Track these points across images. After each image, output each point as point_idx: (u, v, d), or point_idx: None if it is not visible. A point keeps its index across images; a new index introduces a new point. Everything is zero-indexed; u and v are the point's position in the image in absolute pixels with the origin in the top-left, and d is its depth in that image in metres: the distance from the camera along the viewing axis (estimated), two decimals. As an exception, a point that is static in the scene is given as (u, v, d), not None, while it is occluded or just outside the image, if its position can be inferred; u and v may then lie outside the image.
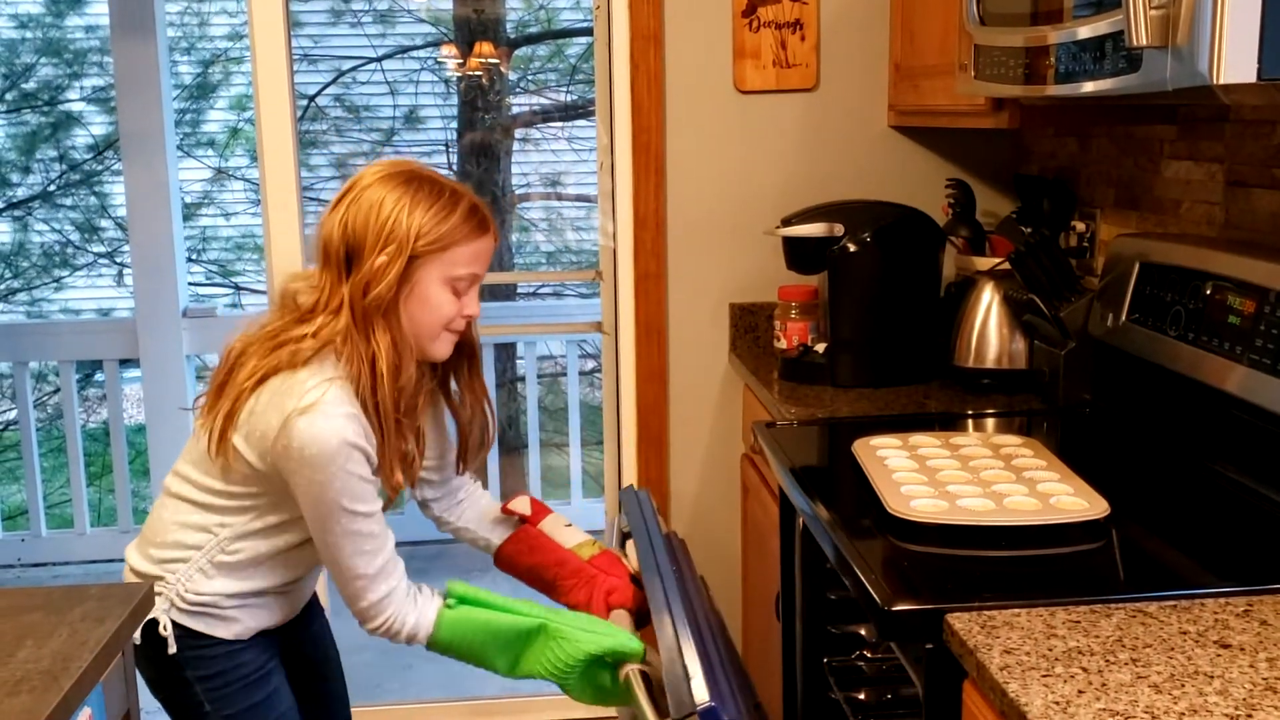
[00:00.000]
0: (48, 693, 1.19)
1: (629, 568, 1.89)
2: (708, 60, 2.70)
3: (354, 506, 1.62)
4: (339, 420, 1.59)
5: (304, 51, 6.63)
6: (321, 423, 1.58)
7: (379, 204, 1.63)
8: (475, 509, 2.01)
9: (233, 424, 1.63)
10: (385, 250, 1.61)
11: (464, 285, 1.69)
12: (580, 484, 4.86)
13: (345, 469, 1.59)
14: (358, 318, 1.62)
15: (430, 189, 1.66)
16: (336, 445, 1.58)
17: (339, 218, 1.64)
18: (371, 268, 1.61)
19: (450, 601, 1.75)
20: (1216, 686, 1.10)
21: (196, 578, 1.70)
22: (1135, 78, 1.43)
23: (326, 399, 1.59)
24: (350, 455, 1.59)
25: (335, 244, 1.64)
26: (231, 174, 7.17)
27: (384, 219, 1.62)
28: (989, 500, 1.56)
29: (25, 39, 6.85)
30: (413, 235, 1.62)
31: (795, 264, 2.48)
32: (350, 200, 1.65)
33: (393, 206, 1.62)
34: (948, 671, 1.27)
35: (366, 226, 1.62)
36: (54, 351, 4.88)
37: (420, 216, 1.63)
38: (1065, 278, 2.21)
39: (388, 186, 1.64)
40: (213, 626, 1.72)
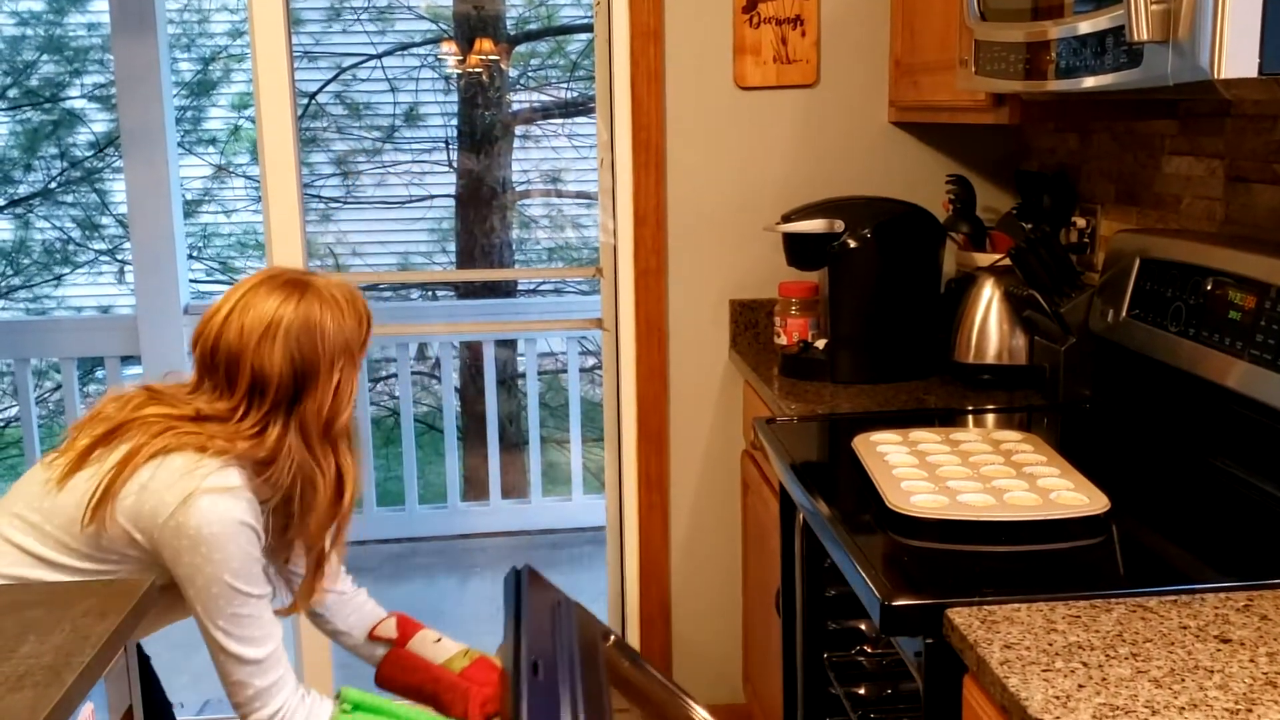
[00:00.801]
0: (50, 688, 1.19)
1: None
2: (708, 56, 2.70)
3: (248, 589, 1.63)
4: (244, 502, 1.61)
5: (304, 49, 6.63)
6: (227, 502, 1.59)
7: (320, 325, 1.64)
8: (361, 621, 2.02)
9: (112, 495, 1.60)
10: (337, 368, 1.64)
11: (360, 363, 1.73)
12: (581, 481, 4.86)
13: (245, 549, 1.60)
14: (314, 440, 1.65)
15: (340, 292, 1.68)
16: (238, 526, 1.59)
17: (279, 348, 1.63)
18: (327, 392, 1.64)
19: (345, 706, 1.75)
20: (1217, 681, 1.10)
21: None
22: (1136, 72, 1.43)
23: (233, 482, 1.60)
24: (251, 537, 1.61)
25: (281, 376, 1.63)
26: (232, 171, 7.17)
27: (332, 341, 1.64)
28: (989, 496, 1.56)
29: (26, 36, 6.85)
30: (354, 347, 1.66)
31: (796, 260, 2.48)
32: (284, 330, 1.64)
33: (335, 328, 1.64)
34: (948, 666, 1.27)
35: (317, 351, 1.64)
36: (55, 348, 4.89)
37: (351, 325, 1.66)
38: (1065, 273, 2.21)
39: (312, 303, 1.65)
40: None
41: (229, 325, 1.65)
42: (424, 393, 6.81)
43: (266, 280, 1.69)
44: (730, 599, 2.91)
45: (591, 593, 4.21)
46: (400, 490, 4.87)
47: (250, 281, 1.70)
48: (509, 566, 1.99)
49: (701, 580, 2.91)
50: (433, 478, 5.83)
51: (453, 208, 6.88)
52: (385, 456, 6.12)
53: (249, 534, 1.61)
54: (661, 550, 2.88)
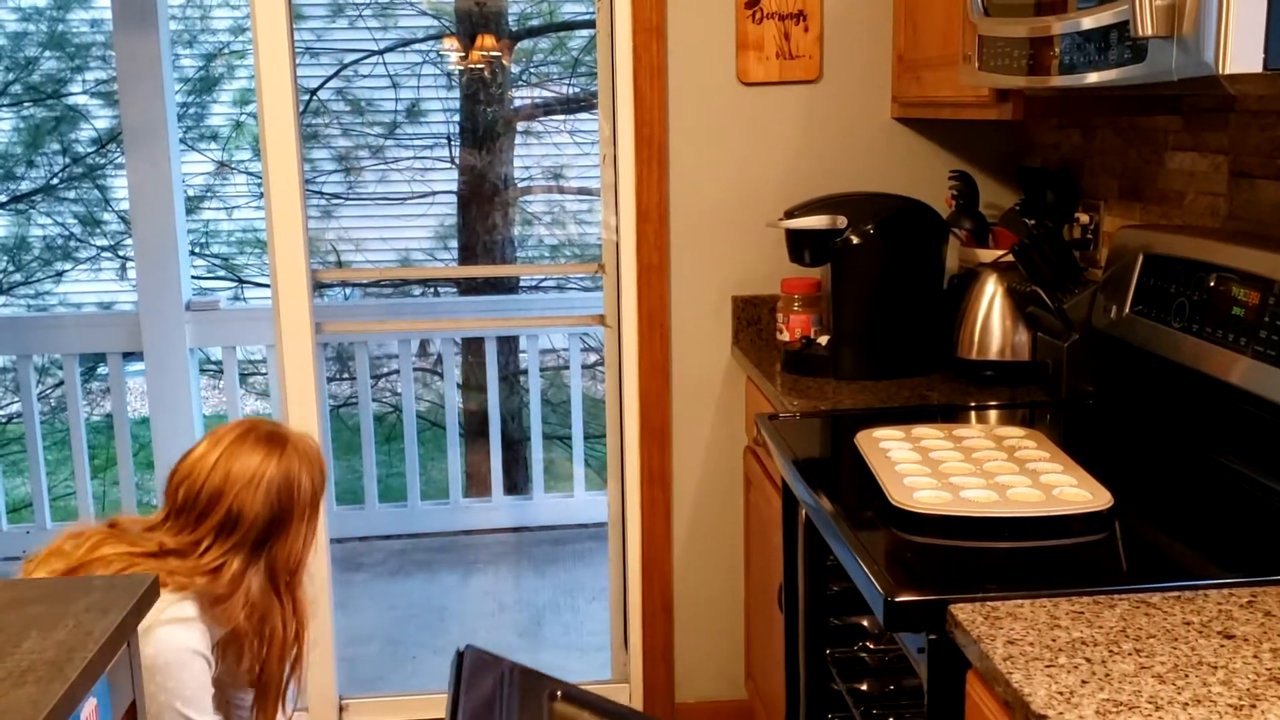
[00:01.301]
0: (53, 683, 1.19)
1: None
2: (710, 52, 2.70)
3: (198, 716, 1.70)
4: (197, 633, 1.69)
5: (306, 45, 6.62)
6: (182, 633, 1.67)
7: (298, 480, 1.74)
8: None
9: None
10: (306, 519, 1.74)
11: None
12: (583, 477, 4.86)
13: (197, 678, 1.68)
14: (280, 583, 1.74)
15: (302, 447, 1.77)
16: (191, 655, 1.67)
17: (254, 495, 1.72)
18: (298, 539, 1.73)
19: None
20: (1220, 677, 1.10)
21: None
22: (1140, 68, 1.42)
23: (188, 613, 1.69)
24: (203, 666, 1.69)
25: (256, 520, 1.72)
26: (234, 167, 7.17)
27: (304, 492, 1.74)
28: (992, 492, 1.56)
29: (28, 32, 6.85)
30: (319, 496, 1.76)
31: (798, 256, 2.48)
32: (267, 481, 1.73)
33: (306, 477, 1.75)
34: (951, 662, 1.27)
35: (292, 503, 1.74)
36: (57, 345, 4.89)
37: (315, 476, 1.76)
38: (1068, 269, 2.21)
39: (290, 459, 1.75)
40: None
41: (215, 470, 1.75)
42: (426, 389, 6.80)
43: (248, 432, 1.80)
44: (732, 595, 2.91)
45: (593, 589, 4.23)
46: (402, 486, 4.87)
47: (232, 433, 1.80)
48: (510, 562, 1.98)
49: (704, 576, 2.91)
50: (435, 474, 5.84)
51: (455, 204, 6.87)
52: (387, 453, 6.12)
53: (201, 663, 1.69)
54: (664, 546, 2.88)
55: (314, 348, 2.84)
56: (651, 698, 2.95)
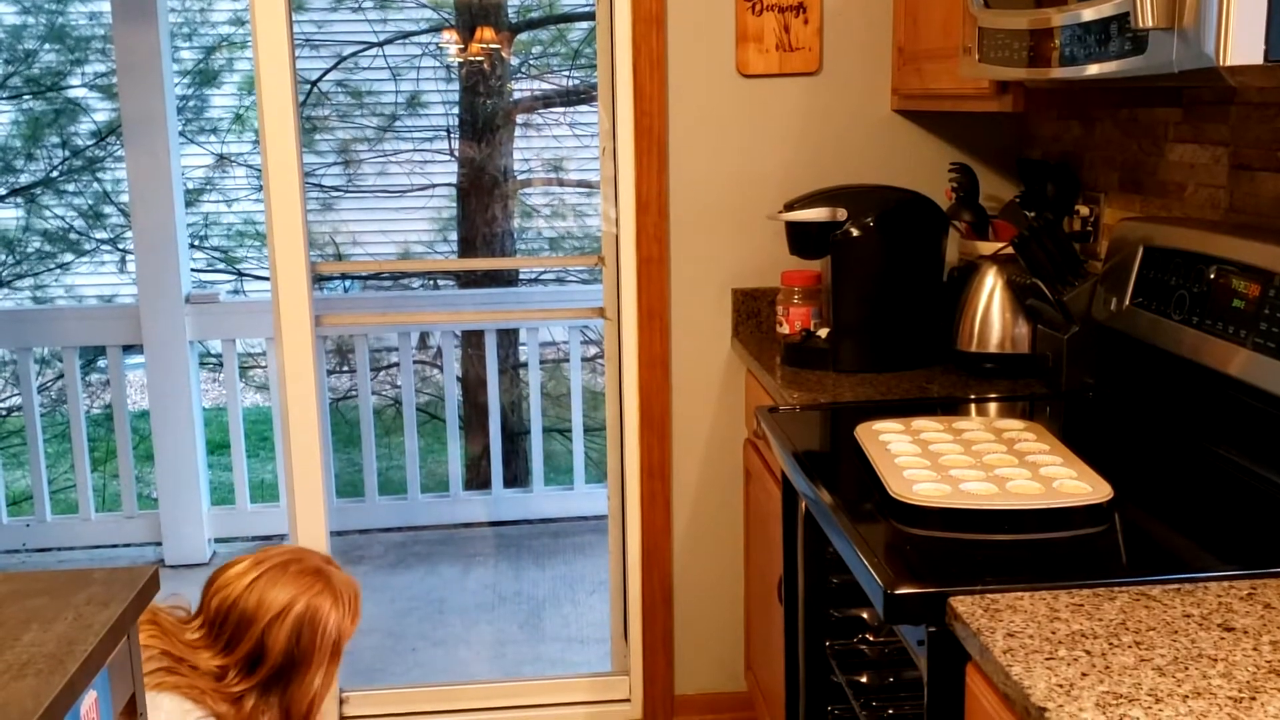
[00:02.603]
0: (53, 676, 1.19)
1: None
2: (710, 44, 2.70)
3: None
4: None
5: (306, 37, 6.61)
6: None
7: (325, 620, 1.71)
8: None
9: None
10: (325, 663, 1.71)
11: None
12: (583, 470, 4.87)
13: None
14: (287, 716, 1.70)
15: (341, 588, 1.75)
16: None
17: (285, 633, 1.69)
18: (314, 678, 1.70)
19: None
20: (1220, 669, 1.10)
21: None
22: (1141, 60, 1.42)
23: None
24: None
25: (276, 656, 1.69)
26: (234, 160, 7.16)
27: (329, 634, 1.71)
28: (992, 484, 1.56)
29: (28, 25, 6.83)
30: (344, 641, 1.73)
31: (798, 249, 2.47)
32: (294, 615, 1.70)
33: (334, 619, 1.72)
34: (951, 654, 1.27)
35: (314, 644, 1.70)
36: (57, 337, 4.88)
37: (348, 622, 1.74)
38: (1069, 262, 2.20)
39: (325, 597, 1.72)
40: None
41: (251, 591, 1.72)
42: (425, 382, 6.80)
43: (291, 562, 1.77)
44: (732, 587, 2.91)
45: (593, 581, 4.24)
46: (402, 479, 4.87)
47: (277, 558, 1.77)
48: (510, 555, 1.98)
49: (703, 569, 2.91)
50: (434, 467, 5.84)
51: (454, 196, 6.87)
52: (387, 446, 6.12)
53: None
54: (663, 539, 2.88)
55: (313, 340, 2.84)
56: (651, 689, 2.95)
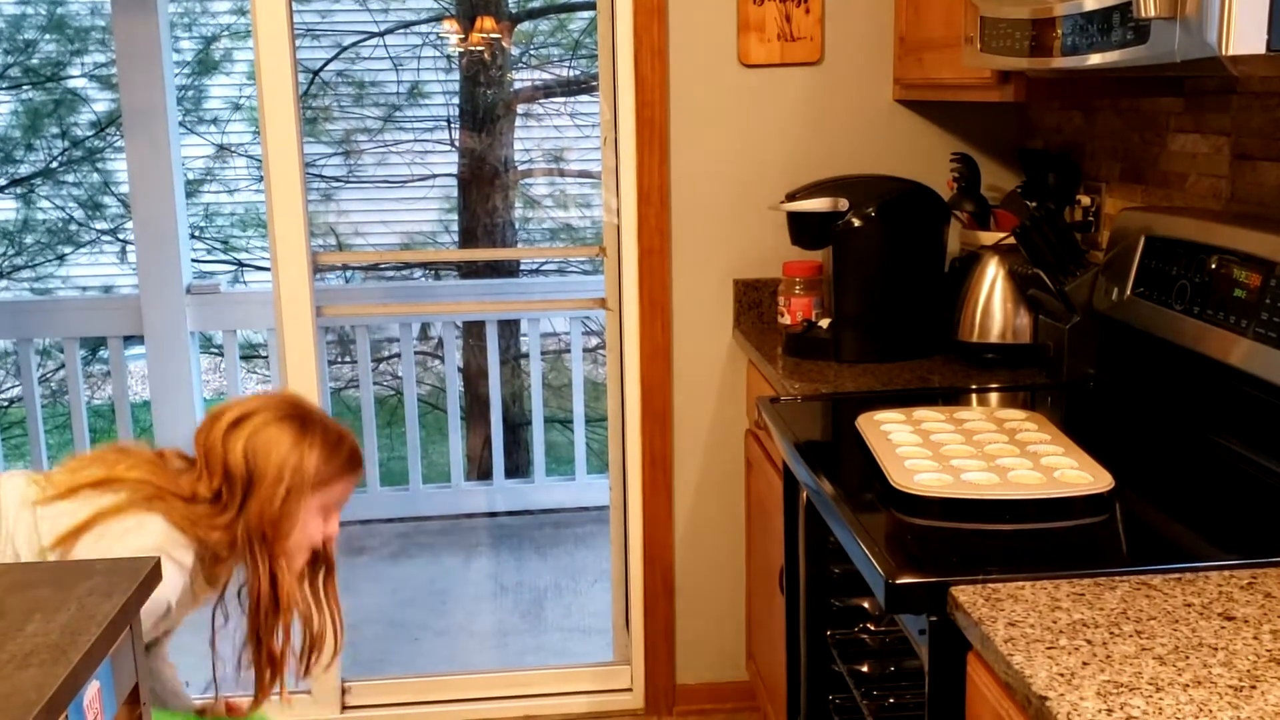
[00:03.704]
0: (56, 666, 1.19)
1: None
2: (712, 33, 2.69)
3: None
4: (180, 587, 1.72)
5: (307, 26, 6.60)
6: (173, 578, 1.68)
7: (282, 443, 1.78)
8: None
9: (86, 528, 1.69)
10: (283, 485, 1.76)
11: (333, 510, 1.86)
12: (584, 461, 4.87)
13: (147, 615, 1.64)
14: (244, 539, 1.76)
15: (322, 431, 1.82)
16: (161, 603, 1.67)
17: (241, 444, 1.77)
18: (269, 498, 1.76)
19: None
20: (1220, 658, 1.10)
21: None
22: (1143, 49, 1.42)
23: (187, 563, 1.72)
24: (162, 615, 1.71)
25: (238, 466, 1.77)
26: (234, 150, 7.16)
27: (284, 457, 1.77)
28: (993, 474, 1.56)
29: (27, 15, 6.82)
30: (307, 475, 1.78)
31: (799, 239, 2.47)
32: (252, 430, 1.78)
33: (291, 447, 1.78)
34: (952, 644, 1.28)
35: (269, 460, 1.77)
36: (58, 328, 4.89)
37: (314, 458, 1.79)
38: (1070, 252, 2.20)
39: (289, 427, 1.79)
40: None
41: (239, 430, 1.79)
42: (427, 372, 6.80)
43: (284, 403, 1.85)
44: (733, 577, 2.91)
45: (595, 572, 4.24)
46: (404, 469, 4.88)
47: (270, 400, 1.85)
48: (512, 545, 2.00)
49: (705, 559, 2.92)
50: (436, 457, 5.84)
51: (455, 187, 6.86)
52: (388, 436, 6.13)
53: (164, 613, 1.71)
54: (665, 529, 2.89)
55: (315, 331, 2.84)
56: (653, 679, 2.96)
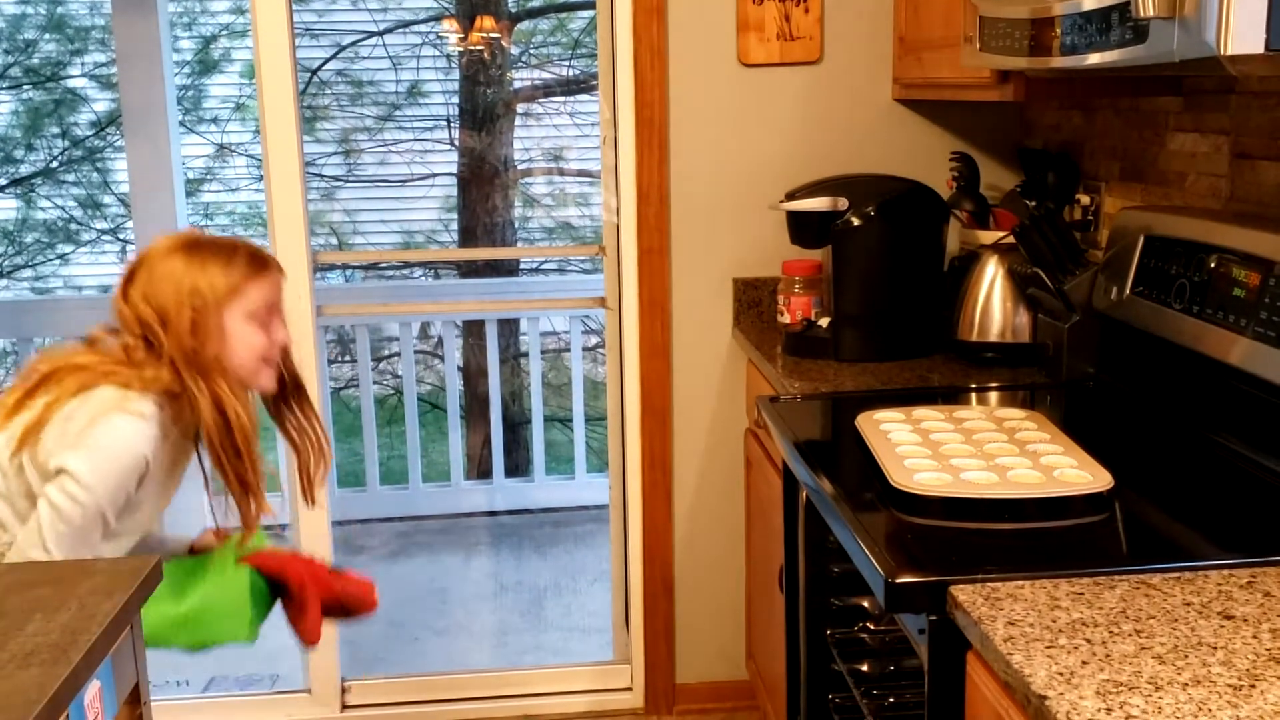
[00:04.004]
0: (57, 665, 1.19)
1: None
2: (711, 33, 2.69)
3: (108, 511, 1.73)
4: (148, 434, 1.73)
5: (306, 26, 6.60)
6: (135, 425, 1.72)
7: (173, 273, 1.81)
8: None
9: (43, 423, 1.73)
10: (187, 309, 1.79)
11: (265, 317, 1.86)
12: (584, 460, 4.87)
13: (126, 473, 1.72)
14: (185, 371, 1.78)
15: (211, 248, 1.85)
16: (132, 453, 1.72)
17: (140, 292, 1.82)
18: (181, 327, 1.78)
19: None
20: (1220, 657, 1.10)
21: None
22: (1141, 49, 1.42)
23: (147, 411, 1.74)
24: (136, 465, 1.73)
25: (146, 313, 1.80)
26: (234, 150, 7.16)
27: (180, 284, 1.80)
28: (992, 473, 1.56)
29: (27, 15, 6.82)
30: (208, 292, 1.80)
31: (799, 238, 2.48)
32: (146, 275, 1.82)
33: (184, 272, 1.81)
34: (951, 643, 1.28)
35: (167, 294, 1.80)
36: (58, 327, 4.88)
37: (210, 274, 1.81)
38: (1069, 251, 2.20)
39: (176, 257, 1.82)
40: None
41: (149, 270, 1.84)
42: (427, 371, 6.81)
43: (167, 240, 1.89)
44: (733, 577, 2.91)
45: (594, 571, 4.24)
46: (404, 469, 4.88)
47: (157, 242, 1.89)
48: (512, 544, 2.00)
49: (704, 558, 2.92)
50: (436, 456, 5.84)
51: (454, 186, 6.86)
52: (388, 435, 6.13)
53: (135, 463, 1.73)
54: (665, 528, 2.89)
55: (315, 330, 2.84)
56: (653, 678, 2.96)
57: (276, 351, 1.89)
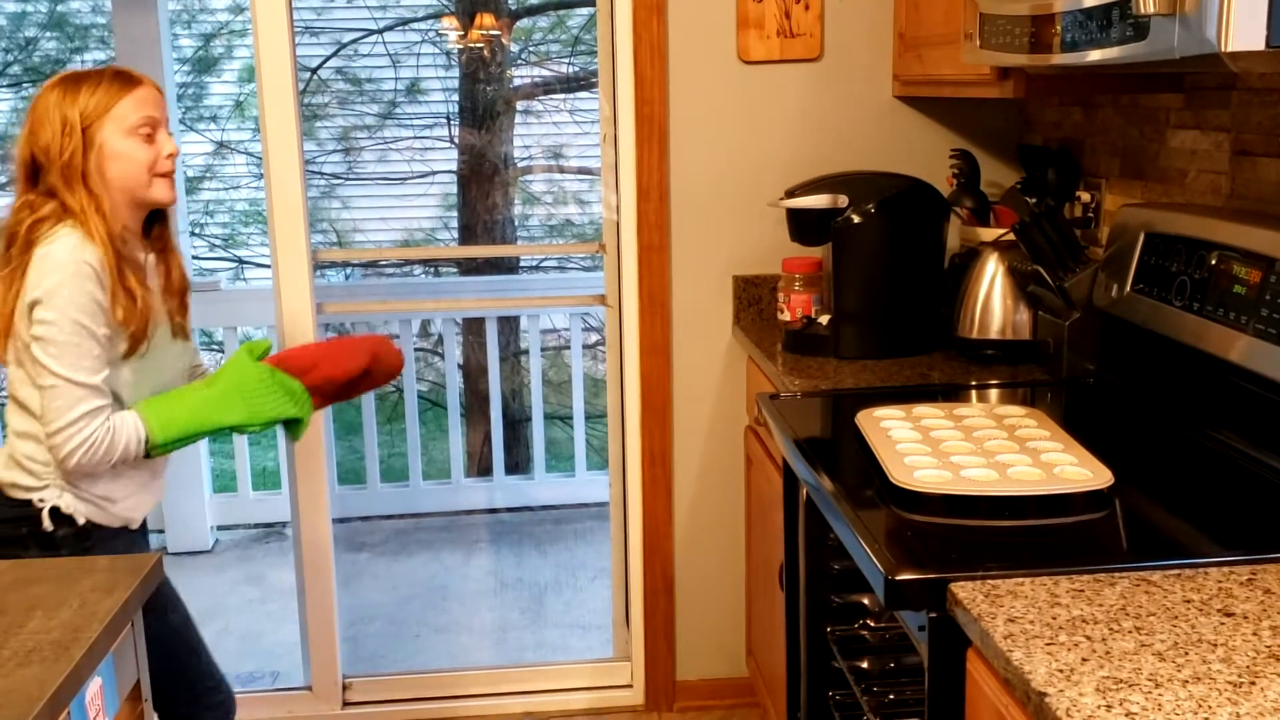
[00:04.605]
0: (58, 663, 1.19)
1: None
2: (711, 30, 2.69)
3: (85, 320, 1.82)
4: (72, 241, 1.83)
5: (305, 24, 6.60)
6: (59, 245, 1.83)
7: (48, 110, 1.91)
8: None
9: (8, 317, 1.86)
10: (64, 134, 1.89)
11: (145, 130, 1.93)
12: (584, 457, 4.87)
13: (80, 278, 1.81)
14: (68, 191, 1.88)
15: (79, 76, 1.94)
16: (71, 258, 1.81)
17: (23, 137, 1.92)
18: (61, 153, 1.88)
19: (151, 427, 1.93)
20: (1220, 654, 1.10)
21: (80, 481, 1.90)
22: (1142, 46, 1.42)
23: (60, 233, 1.84)
24: (83, 270, 1.82)
25: (25, 156, 1.91)
26: (233, 147, 7.15)
27: (52, 115, 1.90)
28: (992, 470, 1.56)
29: (28, 13, 6.82)
30: (78, 113, 1.90)
31: (799, 236, 2.47)
32: (28, 121, 1.94)
33: (56, 103, 1.91)
34: (951, 640, 1.28)
35: (43, 128, 1.90)
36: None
37: (80, 100, 1.91)
38: (1070, 248, 2.20)
39: (50, 94, 1.92)
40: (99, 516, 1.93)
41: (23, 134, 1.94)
42: (427, 368, 6.80)
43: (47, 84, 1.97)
44: (733, 574, 2.92)
45: (595, 568, 4.24)
46: (404, 466, 4.88)
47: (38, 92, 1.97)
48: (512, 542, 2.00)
49: (705, 555, 2.92)
50: (436, 454, 5.84)
51: (455, 184, 6.86)
52: (389, 433, 6.13)
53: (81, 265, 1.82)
54: (665, 525, 2.89)
55: (315, 328, 2.84)
56: (653, 675, 2.96)
57: (167, 163, 1.95)
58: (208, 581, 4.17)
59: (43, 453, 1.87)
